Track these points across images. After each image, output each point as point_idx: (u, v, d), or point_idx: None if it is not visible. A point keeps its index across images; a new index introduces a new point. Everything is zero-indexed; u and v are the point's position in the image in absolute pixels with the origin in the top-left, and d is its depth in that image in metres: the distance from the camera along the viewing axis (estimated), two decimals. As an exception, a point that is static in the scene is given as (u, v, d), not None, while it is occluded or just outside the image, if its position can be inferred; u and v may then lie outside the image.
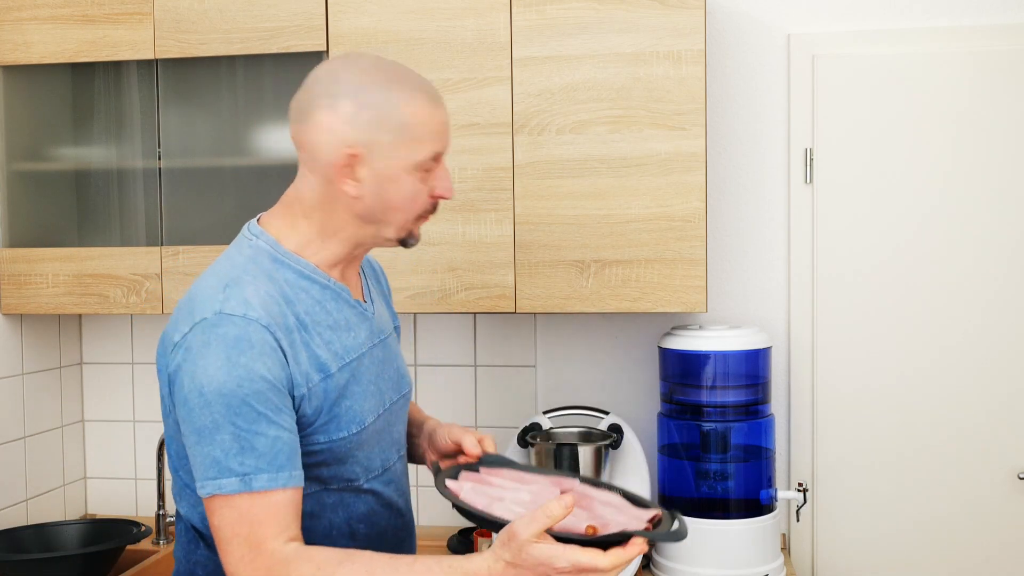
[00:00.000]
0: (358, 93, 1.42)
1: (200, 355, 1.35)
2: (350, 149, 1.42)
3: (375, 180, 1.44)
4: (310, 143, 1.44)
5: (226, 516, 1.34)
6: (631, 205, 2.25)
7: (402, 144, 1.43)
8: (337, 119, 1.42)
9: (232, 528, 1.34)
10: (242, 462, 1.33)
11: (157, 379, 1.56)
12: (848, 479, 2.55)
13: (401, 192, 1.46)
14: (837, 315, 2.53)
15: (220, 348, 1.35)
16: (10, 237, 2.53)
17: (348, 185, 1.44)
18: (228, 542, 1.34)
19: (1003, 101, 2.45)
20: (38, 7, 2.44)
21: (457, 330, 2.71)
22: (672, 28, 2.21)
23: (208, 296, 1.40)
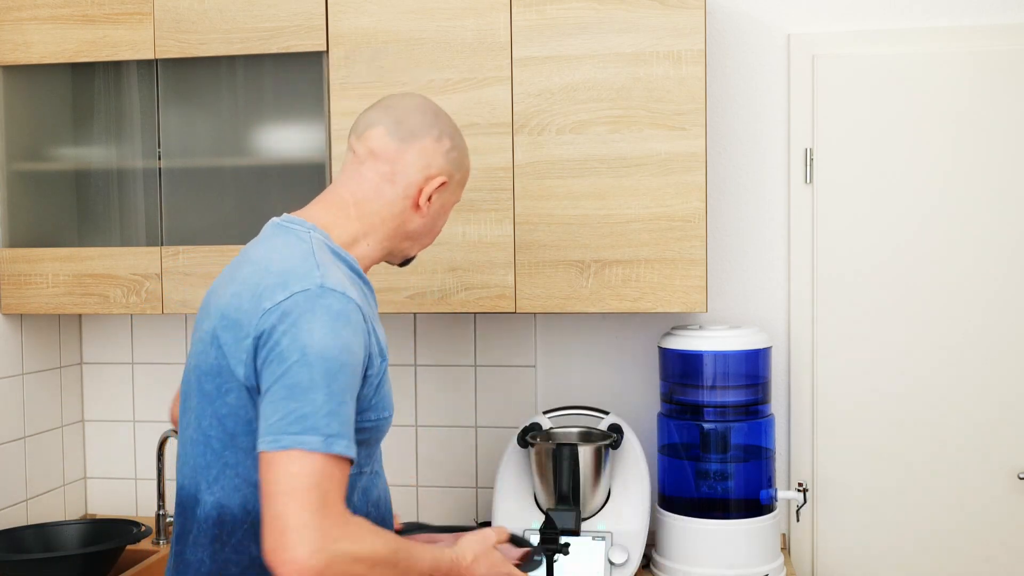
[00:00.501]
0: (453, 136, 1.69)
1: (304, 320, 1.43)
2: (442, 178, 1.66)
3: (438, 207, 1.69)
4: (406, 161, 1.64)
5: (301, 470, 1.36)
6: (631, 205, 2.25)
7: (460, 186, 1.73)
8: (439, 149, 1.66)
9: (302, 478, 1.35)
10: (328, 424, 1.38)
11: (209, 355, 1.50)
12: (848, 479, 2.55)
13: (442, 222, 1.74)
14: (837, 315, 2.53)
15: (325, 317, 1.43)
16: (10, 237, 2.53)
17: (425, 206, 1.65)
18: (300, 491, 1.35)
19: (1003, 101, 2.45)
20: (38, 7, 2.44)
21: (457, 330, 2.71)
22: (672, 28, 2.21)
23: (304, 271, 1.48)
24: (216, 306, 1.54)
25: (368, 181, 1.63)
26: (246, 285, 1.51)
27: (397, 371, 2.73)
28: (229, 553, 1.51)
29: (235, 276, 1.55)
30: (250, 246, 1.62)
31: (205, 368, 1.52)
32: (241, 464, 1.50)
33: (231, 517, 1.51)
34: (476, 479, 2.72)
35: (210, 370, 1.51)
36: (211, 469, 1.52)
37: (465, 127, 2.29)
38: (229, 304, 1.51)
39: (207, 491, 1.52)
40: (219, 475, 1.51)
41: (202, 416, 1.52)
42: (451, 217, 2.30)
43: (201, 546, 1.52)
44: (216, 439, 1.51)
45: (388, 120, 1.64)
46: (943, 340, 2.50)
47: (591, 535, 2.27)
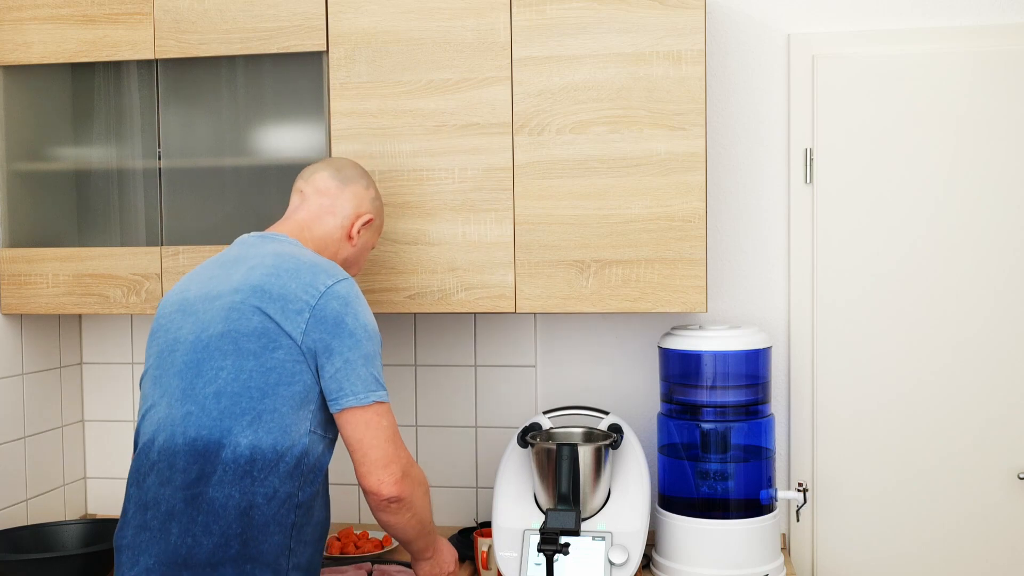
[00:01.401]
0: (376, 189, 2.16)
1: (356, 302, 1.87)
2: (369, 215, 2.10)
3: (363, 241, 2.11)
4: (344, 198, 2.08)
5: (385, 420, 1.83)
6: (631, 205, 2.25)
7: (378, 231, 2.17)
8: (368, 195, 2.12)
9: (390, 427, 1.83)
10: (384, 384, 1.86)
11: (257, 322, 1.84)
12: (848, 479, 2.55)
13: (364, 258, 2.17)
14: (837, 315, 2.53)
15: (363, 302, 1.89)
16: (10, 237, 2.53)
17: (354, 236, 2.08)
18: (389, 435, 1.82)
19: (1003, 101, 2.45)
20: (38, 7, 2.44)
21: (457, 330, 2.71)
22: (672, 28, 2.21)
23: (331, 265, 1.92)
24: (250, 286, 1.85)
25: (316, 211, 2.06)
26: (280, 271, 1.86)
27: (397, 371, 2.73)
28: (257, 487, 1.76)
29: (254, 265, 1.88)
30: (243, 248, 1.97)
31: (246, 331, 1.81)
32: (277, 411, 1.79)
33: (262, 456, 1.77)
34: (476, 479, 2.72)
35: (254, 333, 1.81)
36: (246, 415, 1.78)
37: (465, 127, 2.29)
38: (266, 283, 1.84)
39: (240, 435, 1.77)
40: (254, 420, 1.78)
41: (241, 370, 1.80)
42: (451, 217, 2.30)
43: (228, 483, 1.76)
44: (257, 388, 1.79)
45: (331, 168, 2.10)
46: (943, 340, 2.50)
47: (591, 535, 2.27)
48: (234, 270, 1.90)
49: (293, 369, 1.80)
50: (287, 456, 1.78)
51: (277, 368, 1.80)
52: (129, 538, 1.81)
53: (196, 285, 1.92)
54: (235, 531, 1.75)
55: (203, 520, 1.76)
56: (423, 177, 2.31)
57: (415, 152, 2.31)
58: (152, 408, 1.86)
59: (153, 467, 1.81)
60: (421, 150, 2.31)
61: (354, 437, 1.82)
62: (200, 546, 1.75)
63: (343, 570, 2.35)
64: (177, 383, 1.83)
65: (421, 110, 2.30)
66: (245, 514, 1.76)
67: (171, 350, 1.86)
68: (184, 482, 1.78)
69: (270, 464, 1.77)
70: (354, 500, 2.77)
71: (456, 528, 2.70)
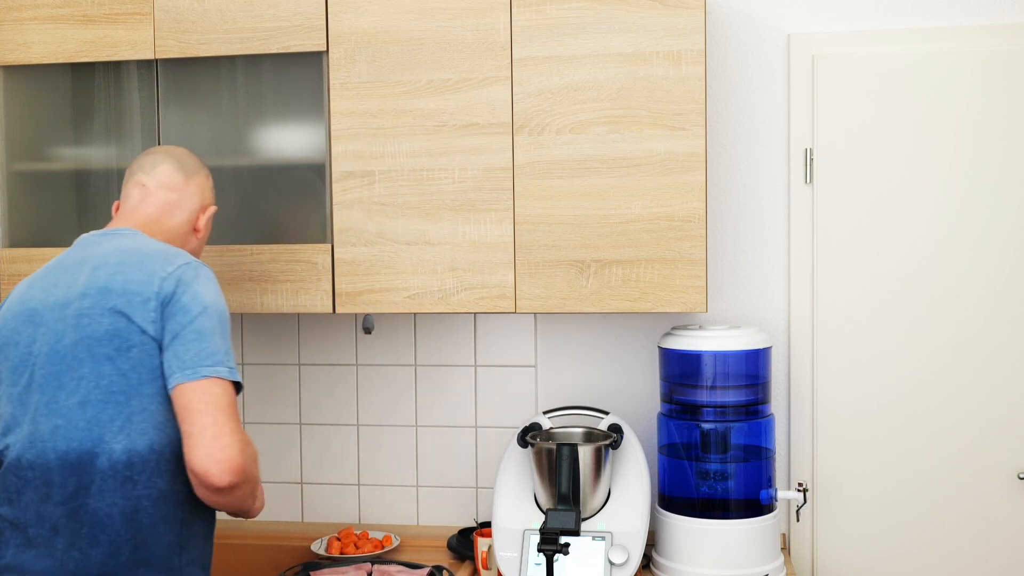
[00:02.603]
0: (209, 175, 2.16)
1: (197, 283, 1.83)
2: (213, 206, 2.14)
3: (204, 233, 2.12)
4: (190, 192, 2.07)
5: (219, 389, 1.74)
6: (631, 205, 2.25)
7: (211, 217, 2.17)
8: (208, 185, 2.14)
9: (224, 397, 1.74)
10: (227, 359, 1.79)
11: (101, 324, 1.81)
12: (848, 479, 2.55)
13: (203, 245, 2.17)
14: (837, 315, 2.53)
15: (208, 282, 1.85)
16: (10, 237, 2.53)
17: (200, 228, 2.09)
18: (225, 408, 1.73)
19: (1003, 101, 2.45)
20: (38, 7, 2.44)
21: (457, 330, 2.71)
22: (672, 28, 2.21)
23: (175, 252, 1.89)
24: (97, 287, 1.81)
25: (163, 206, 2.04)
26: (124, 266, 1.84)
27: (397, 371, 2.73)
28: (141, 490, 1.75)
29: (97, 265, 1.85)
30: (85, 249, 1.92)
31: (98, 336, 1.78)
32: (147, 410, 1.77)
33: (140, 458, 1.75)
34: (476, 479, 2.72)
35: (105, 336, 1.78)
36: (115, 421, 1.76)
37: (465, 127, 2.29)
38: (111, 282, 1.82)
39: (113, 441, 1.75)
40: (125, 424, 1.76)
41: (101, 376, 1.77)
42: (451, 217, 2.30)
43: (109, 491, 1.75)
44: (121, 392, 1.76)
45: (172, 160, 2.08)
46: (943, 340, 2.50)
47: (591, 535, 2.28)
48: (79, 273, 1.86)
49: (152, 364, 1.77)
50: (167, 453, 1.77)
51: (136, 368, 1.77)
52: (10, 557, 1.77)
53: (40, 292, 1.87)
54: (124, 537, 1.74)
55: (88, 532, 1.74)
56: (423, 177, 2.31)
57: (415, 152, 2.31)
58: (15, 425, 1.80)
59: (28, 484, 1.76)
60: (421, 150, 2.31)
61: (184, 411, 1.72)
62: (89, 559, 1.73)
63: (343, 570, 2.35)
64: (39, 398, 1.79)
65: (421, 110, 2.30)
66: (132, 519, 1.75)
67: (26, 364, 1.82)
68: (62, 496, 1.75)
69: (150, 465, 1.76)
70: (354, 500, 2.77)
71: (456, 528, 2.70)
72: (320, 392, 2.78)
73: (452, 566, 2.47)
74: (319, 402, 2.78)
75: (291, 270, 2.36)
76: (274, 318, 2.79)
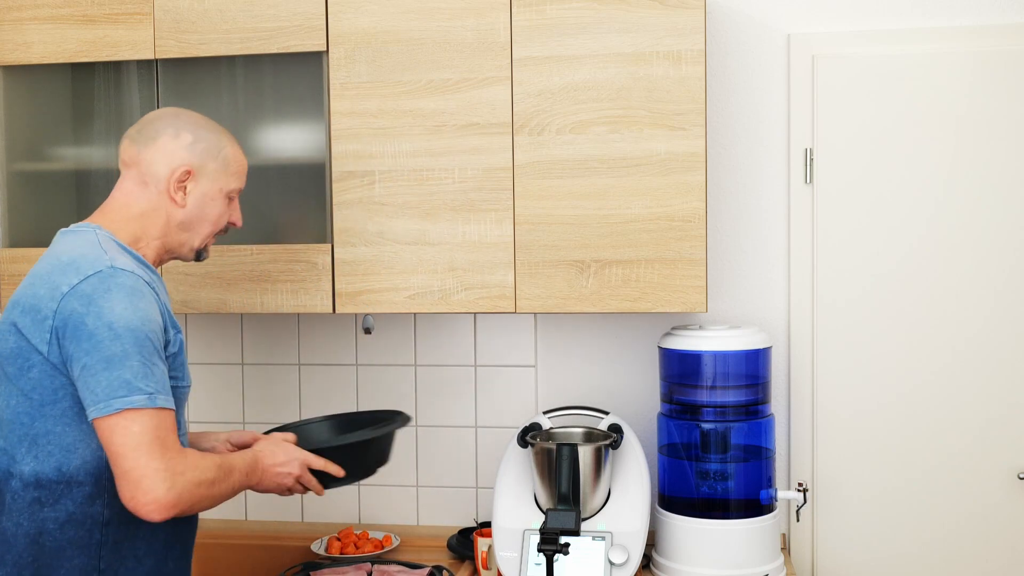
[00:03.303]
0: (196, 130, 1.87)
1: (104, 299, 1.65)
2: (185, 167, 1.84)
3: (197, 196, 1.87)
4: (150, 161, 1.83)
5: (136, 426, 1.61)
6: (631, 205, 2.25)
7: (222, 174, 1.90)
8: (179, 145, 1.85)
9: (143, 434, 1.61)
10: (147, 384, 1.63)
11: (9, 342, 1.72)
12: (848, 479, 2.55)
13: (213, 210, 1.90)
14: (837, 315, 2.53)
15: (121, 293, 1.66)
16: (10, 237, 2.53)
17: (178, 196, 1.84)
18: (139, 443, 1.60)
19: (1003, 101, 2.45)
20: (38, 7, 2.44)
21: (457, 330, 2.71)
22: (672, 28, 2.21)
23: (93, 257, 1.70)
24: (12, 300, 1.74)
25: (129, 188, 1.85)
26: (38, 277, 1.71)
27: (397, 371, 2.73)
28: (47, 512, 1.70)
29: (32, 272, 1.75)
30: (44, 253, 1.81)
31: (6, 354, 1.71)
32: (51, 432, 1.69)
33: (48, 481, 1.69)
34: (476, 479, 2.72)
35: (11, 354, 1.70)
36: (23, 442, 1.70)
37: (465, 127, 2.29)
38: (24, 294, 1.71)
39: (23, 462, 1.70)
40: (32, 446, 1.70)
41: (9, 396, 1.71)
42: (451, 217, 2.30)
43: (17, 511, 1.71)
44: (25, 414, 1.70)
45: (133, 131, 1.88)
46: (943, 340, 2.50)
47: (591, 535, 2.27)
48: (26, 278, 1.77)
49: (53, 385, 1.67)
50: (79, 476, 1.69)
51: (37, 388, 1.68)
52: None
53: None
54: (26, 560, 1.70)
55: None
56: (423, 177, 2.31)
57: (415, 152, 2.31)
58: None
59: None
60: (421, 150, 2.31)
61: (107, 450, 1.63)
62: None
63: (343, 570, 2.35)
64: None
65: (421, 110, 2.30)
66: (35, 542, 1.70)
67: None
68: None
69: (59, 488, 1.69)
70: (354, 500, 2.77)
71: (456, 528, 2.70)
72: (320, 392, 2.78)
73: (452, 566, 2.47)
74: (319, 402, 2.77)
75: (291, 270, 2.36)
76: (274, 318, 2.79)
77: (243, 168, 1.96)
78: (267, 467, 1.87)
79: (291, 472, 1.89)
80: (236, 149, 1.94)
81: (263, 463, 1.86)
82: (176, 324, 1.80)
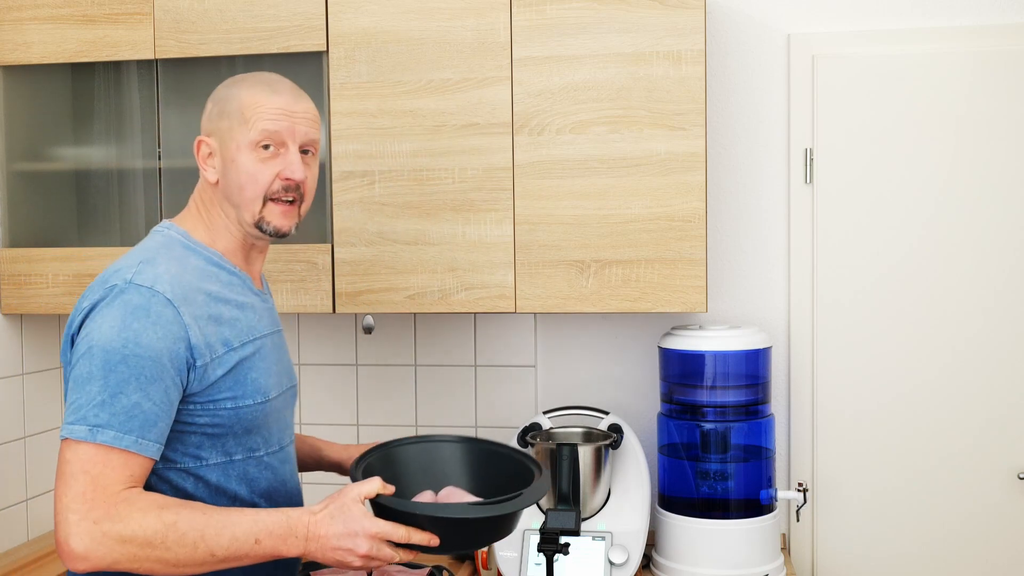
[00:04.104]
0: (215, 93, 1.69)
1: (101, 315, 1.50)
2: (202, 138, 1.67)
3: (223, 163, 1.65)
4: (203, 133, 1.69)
5: (72, 457, 1.44)
6: (631, 205, 2.25)
7: (236, 127, 1.63)
8: (203, 117, 1.69)
9: (75, 466, 1.43)
10: (97, 415, 1.44)
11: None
12: (848, 479, 2.55)
13: (240, 171, 1.63)
14: (837, 315, 2.53)
15: (120, 311, 1.49)
16: (10, 237, 2.53)
17: (208, 171, 1.66)
18: (72, 477, 1.42)
19: (1003, 101, 2.45)
20: (38, 7, 2.44)
21: (457, 330, 2.71)
22: (672, 28, 2.21)
23: (124, 269, 1.56)
24: None
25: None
26: (94, 281, 1.60)
27: (397, 371, 2.73)
28: None
29: None
30: None
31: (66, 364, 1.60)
32: None
33: None
34: (476, 479, 2.72)
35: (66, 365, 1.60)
36: None
37: (465, 127, 2.29)
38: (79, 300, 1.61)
39: None
40: None
41: None
42: (451, 217, 2.30)
43: None
44: None
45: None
46: (943, 340, 2.50)
47: (591, 535, 2.27)
48: None
49: None
50: None
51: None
52: None
53: None
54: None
55: None
56: (423, 177, 2.31)
57: (415, 152, 2.31)
58: None
59: None
60: (421, 150, 2.31)
61: None
62: None
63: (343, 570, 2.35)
64: None
65: (421, 110, 2.30)
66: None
67: None
68: None
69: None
70: (354, 500, 2.76)
71: (456, 528, 2.70)
72: (320, 392, 2.78)
73: (452, 566, 2.46)
74: (319, 402, 2.77)
75: (291, 270, 2.36)
76: (274, 318, 2.79)
77: (265, 109, 1.64)
78: (321, 537, 1.50)
79: (354, 549, 1.49)
80: (256, 93, 1.65)
81: (314, 531, 1.50)
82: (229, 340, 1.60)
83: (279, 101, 1.65)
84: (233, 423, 1.61)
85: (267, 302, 1.77)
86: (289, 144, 1.65)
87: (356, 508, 1.50)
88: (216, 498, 1.61)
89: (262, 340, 1.67)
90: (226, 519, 1.47)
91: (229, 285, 1.65)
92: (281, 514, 1.50)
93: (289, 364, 1.81)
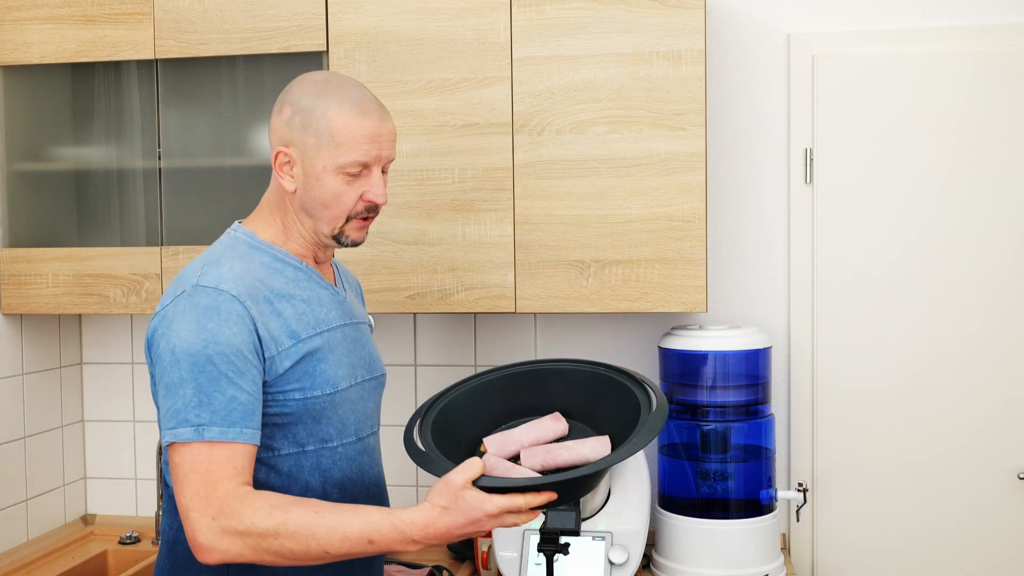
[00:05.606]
0: (297, 100, 1.65)
1: (175, 321, 1.55)
2: (283, 147, 1.65)
3: (304, 177, 1.65)
4: (272, 140, 1.68)
5: (182, 460, 1.50)
6: (631, 205, 2.25)
7: (324, 147, 1.63)
8: (280, 121, 1.66)
9: (187, 468, 1.50)
10: (198, 415, 1.51)
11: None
12: (848, 479, 2.55)
13: (325, 191, 1.64)
14: (837, 315, 2.53)
15: (192, 314, 1.54)
16: (10, 237, 2.53)
17: (285, 180, 1.66)
18: (185, 478, 1.50)
19: (1003, 101, 2.45)
20: (38, 7, 2.44)
21: (457, 330, 2.71)
22: (672, 28, 2.21)
23: (190, 273, 1.61)
24: None
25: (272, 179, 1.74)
26: (168, 288, 1.64)
27: (397, 371, 2.73)
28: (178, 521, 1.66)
29: None
30: None
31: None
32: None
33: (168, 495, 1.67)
34: (476, 479, 2.72)
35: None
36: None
37: (465, 127, 2.29)
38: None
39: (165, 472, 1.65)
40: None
41: None
42: (451, 217, 2.30)
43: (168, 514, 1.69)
44: None
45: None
46: (943, 340, 2.50)
47: (591, 535, 2.27)
48: None
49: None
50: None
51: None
52: None
53: None
54: (165, 564, 1.68)
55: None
56: (423, 177, 2.31)
57: (415, 152, 2.31)
58: None
59: None
60: (421, 150, 2.31)
61: None
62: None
63: None
64: None
65: (421, 110, 2.30)
66: (171, 549, 1.68)
67: None
68: None
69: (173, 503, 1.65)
70: (354, 500, 2.76)
71: (456, 528, 2.70)
72: (320, 392, 2.77)
73: (452, 566, 2.46)
74: (319, 402, 2.77)
75: (291, 270, 2.36)
76: (274, 318, 2.79)
77: (358, 136, 1.63)
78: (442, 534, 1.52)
79: (479, 531, 1.53)
80: (346, 114, 1.62)
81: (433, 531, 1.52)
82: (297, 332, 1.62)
83: (369, 125, 1.64)
84: (302, 413, 1.63)
85: (338, 295, 1.76)
86: (373, 167, 1.67)
87: (470, 495, 1.49)
88: (288, 487, 1.64)
89: (331, 332, 1.69)
90: (338, 519, 1.49)
91: (295, 280, 1.68)
92: (391, 516, 1.51)
93: (369, 355, 1.79)
